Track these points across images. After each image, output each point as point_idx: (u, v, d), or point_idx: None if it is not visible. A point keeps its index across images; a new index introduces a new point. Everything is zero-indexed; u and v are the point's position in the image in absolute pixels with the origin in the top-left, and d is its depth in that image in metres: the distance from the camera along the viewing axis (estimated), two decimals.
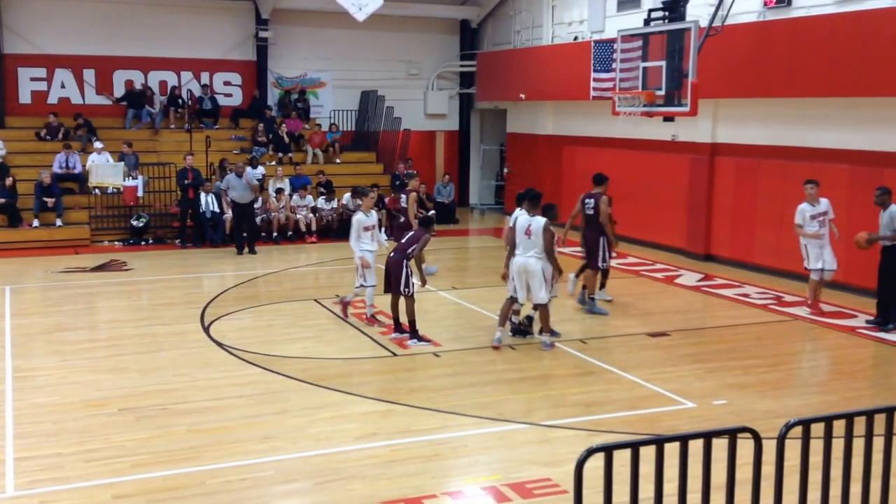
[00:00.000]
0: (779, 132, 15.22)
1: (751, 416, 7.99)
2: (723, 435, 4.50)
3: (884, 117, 13.34)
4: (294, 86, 23.39)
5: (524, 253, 10.11)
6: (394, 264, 10.48)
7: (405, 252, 10.48)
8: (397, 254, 10.55)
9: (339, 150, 22.28)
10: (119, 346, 10.60)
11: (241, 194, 17.30)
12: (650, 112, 14.06)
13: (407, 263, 10.42)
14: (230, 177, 17.57)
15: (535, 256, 10.06)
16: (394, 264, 10.48)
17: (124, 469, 6.86)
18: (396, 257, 10.51)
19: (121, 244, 18.32)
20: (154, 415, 8.11)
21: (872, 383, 9.33)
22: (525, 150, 22.71)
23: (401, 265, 10.39)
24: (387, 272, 10.63)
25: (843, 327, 11.64)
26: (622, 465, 4.23)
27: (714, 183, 16.50)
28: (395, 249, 10.69)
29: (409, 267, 10.44)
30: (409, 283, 10.35)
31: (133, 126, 21.21)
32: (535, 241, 10.04)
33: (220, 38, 22.53)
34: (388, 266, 10.57)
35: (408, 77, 24.38)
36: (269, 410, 8.24)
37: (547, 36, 21.62)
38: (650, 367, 9.90)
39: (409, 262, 10.47)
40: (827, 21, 13.65)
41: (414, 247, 10.56)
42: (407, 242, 10.62)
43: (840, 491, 4.76)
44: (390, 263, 10.54)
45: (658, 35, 13.84)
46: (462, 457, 7.30)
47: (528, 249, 10.10)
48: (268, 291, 14.01)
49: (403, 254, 10.48)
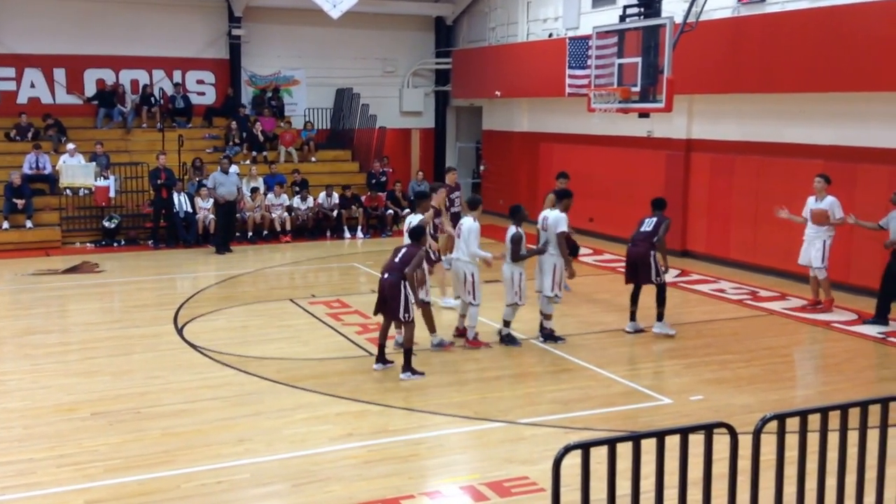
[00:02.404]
0: (753, 128, 15.31)
1: (727, 411, 8.01)
2: (699, 430, 4.50)
3: (856, 112, 13.45)
4: (268, 84, 23.21)
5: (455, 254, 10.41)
6: (389, 287, 9.13)
7: (401, 272, 9.13)
8: (392, 275, 9.17)
9: (313, 148, 22.16)
10: (91, 350, 10.46)
11: (229, 190, 17.18)
12: (625, 108, 14.10)
13: (405, 284, 9.10)
14: (216, 174, 17.42)
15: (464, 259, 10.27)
16: (389, 287, 9.13)
17: (97, 474, 6.76)
18: (391, 279, 9.14)
19: (93, 245, 18.11)
20: (127, 419, 8.00)
21: (847, 377, 9.40)
22: (501, 147, 22.71)
23: (397, 287, 9.07)
24: (380, 294, 9.27)
25: (817, 321, 11.72)
26: (599, 462, 4.21)
27: (690, 179, 16.57)
28: (388, 269, 9.28)
29: (406, 288, 9.13)
30: (408, 308, 9.09)
31: (104, 125, 20.96)
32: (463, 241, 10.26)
33: (192, 36, 22.31)
34: (382, 288, 9.22)
35: (383, 75, 24.30)
36: (244, 412, 8.16)
37: (522, 33, 21.62)
38: (627, 364, 9.93)
39: (406, 282, 9.11)
40: (800, 17, 13.74)
41: (409, 266, 9.20)
42: (401, 261, 9.27)
43: (815, 484, 4.77)
44: (385, 285, 9.19)
45: (633, 31, 13.88)
46: (439, 456, 7.27)
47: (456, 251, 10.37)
48: (242, 292, 13.89)
49: (399, 274, 9.12)
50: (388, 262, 9.42)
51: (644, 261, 10.80)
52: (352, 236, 19.58)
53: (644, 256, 10.80)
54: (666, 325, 10.91)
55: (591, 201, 14.70)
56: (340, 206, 19.72)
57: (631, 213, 18.56)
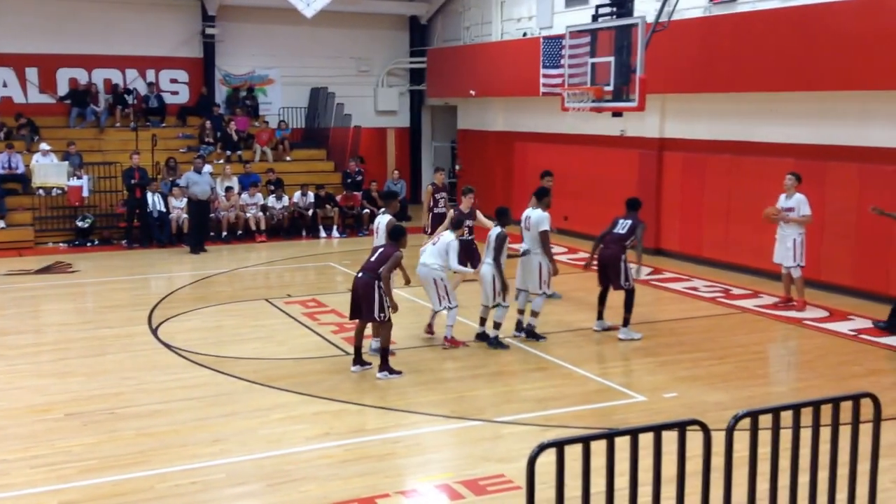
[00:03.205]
0: (725, 127, 15.45)
1: (700, 408, 8.09)
2: (673, 428, 4.54)
3: (826, 111, 13.61)
4: (242, 83, 23.11)
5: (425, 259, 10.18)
6: (362, 286, 9.07)
7: (375, 272, 9.06)
8: (366, 274, 9.11)
9: (288, 147, 22.08)
10: (65, 350, 10.37)
11: (202, 190, 17.08)
12: (599, 108, 14.18)
13: (379, 285, 9.00)
14: (189, 174, 17.32)
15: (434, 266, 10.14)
16: (362, 286, 9.07)
17: (71, 475, 6.70)
18: (365, 278, 9.08)
19: (66, 245, 17.93)
20: (101, 419, 7.94)
21: (819, 374, 9.51)
22: (476, 146, 22.74)
23: (371, 287, 9.01)
24: (353, 293, 9.23)
25: (789, 319, 11.85)
26: (574, 460, 4.24)
27: (662, 177, 16.70)
28: (363, 268, 9.24)
29: (381, 288, 9.03)
30: (383, 307, 9.01)
31: (77, 125, 20.76)
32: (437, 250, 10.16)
33: (165, 35, 22.16)
34: (356, 288, 9.17)
35: (358, 74, 24.25)
36: (219, 413, 8.12)
37: (496, 32, 21.67)
38: (601, 362, 9.99)
39: (380, 283, 9.02)
40: (770, 16, 13.89)
41: (385, 266, 9.09)
42: (377, 261, 9.18)
43: (788, 481, 4.83)
44: (358, 284, 9.14)
45: (606, 31, 13.95)
46: (415, 455, 7.28)
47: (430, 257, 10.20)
48: (217, 292, 13.81)
49: (374, 274, 9.05)
50: (365, 261, 9.40)
51: (614, 264, 10.62)
52: (327, 236, 19.54)
53: (615, 259, 10.63)
54: (631, 330, 10.69)
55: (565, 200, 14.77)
56: (315, 205, 19.67)
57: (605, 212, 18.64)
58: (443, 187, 14.50)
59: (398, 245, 9.33)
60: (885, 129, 12.71)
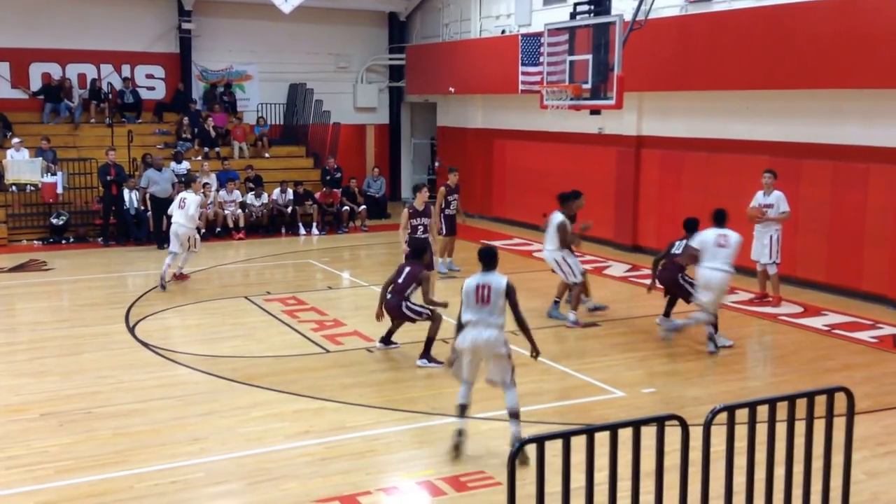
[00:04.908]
0: (701, 124, 15.57)
1: (678, 403, 8.17)
2: (651, 423, 4.59)
3: (800, 109, 13.76)
4: (219, 79, 22.96)
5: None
6: (394, 309, 9.56)
7: (403, 294, 9.50)
8: (394, 297, 9.52)
9: (267, 144, 21.98)
10: (40, 349, 10.28)
11: (163, 188, 16.98)
12: (577, 105, 14.24)
13: (408, 305, 9.50)
14: (150, 172, 17.24)
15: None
16: (394, 309, 9.56)
17: (47, 476, 6.66)
18: (394, 301, 9.52)
19: (40, 243, 17.76)
20: (78, 419, 7.89)
21: (794, 369, 9.62)
22: (456, 143, 22.75)
23: (399, 309, 9.53)
24: (389, 314, 9.72)
25: (765, 315, 11.97)
26: (554, 456, 4.28)
27: (640, 175, 16.80)
28: (392, 290, 9.56)
29: (411, 307, 9.52)
30: (420, 313, 9.53)
31: (51, 120, 20.55)
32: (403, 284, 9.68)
33: (141, 30, 21.97)
34: (389, 310, 9.65)
35: (336, 70, 24.18)
36: (197, 411, 8.09)
37: (475, 29, 21.68)
38: (581, 358, 10.04)
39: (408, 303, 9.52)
40: (745, 15, 14.01)
41: (412, 287, 9.49)
42: (404, 282, 9.52)
43: (764, 474, 4.90)
44: (389, 307, 9.59)
45: (584, 29, 14.01)
46: (396, 452, 7.29)
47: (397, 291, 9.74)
48: (195, 289, 13.73)
49: (401, 297, 9.49)
50: (392, 279, 9.62)
51: (676, 284, 10.68)
52: (307, 233, 19.48)
53: (674, 280, 10.68)
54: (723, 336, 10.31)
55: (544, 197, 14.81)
56: (295, 202, 19.61)
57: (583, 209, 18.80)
58: (455, 189, 14.61)
59: (422, 262, 9.74)
60: (858, 127, 12.87)
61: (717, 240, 9.98)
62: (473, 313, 6.94)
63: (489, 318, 6.89)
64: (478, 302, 6.92)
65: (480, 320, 6.90)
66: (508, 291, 6.93)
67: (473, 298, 6.94)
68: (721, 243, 9.95)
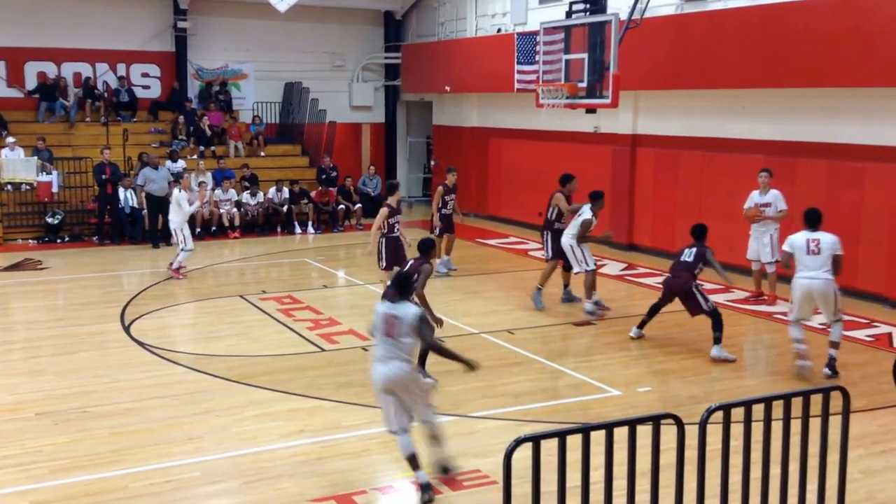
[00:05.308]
0: (697, 123, 15.58)
1: (674, 401, 8.17)
2: (647, 422, 4.59)
3: (796, 108, 13.77)
4: (215, 77, 22.92)
5: None
6: None
7: None
8: None
9: (262, 142, 21.95)
10: (35, 348, 10.26)
11: (160, 186, 16.95)
12: (573, 104, 14.22)
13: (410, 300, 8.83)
14: (146, 170, 17.21)
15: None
16: None
17: (42, 475, 6.64)
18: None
19: (35, 242, 17.72)
20: (73, 418, 7.87)
21: (789, 367, 9.62)
22: (451, 142, 22.74)
23: None
24: None
25: (760, 313, 11.98)
26: (550, 455, 4.27)
27: (635, 173, 16.81)
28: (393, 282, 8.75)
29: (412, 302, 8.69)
30: None
31: (46, 119, 20.48)
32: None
33: (137, 29, 21.92)
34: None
35: (332, 69, 24.15)
36: (193, 410, 8.08)
37: (471, 28, 21.67)
38: (576, 356, 10.05)
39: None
40: (741, 14, 14.01)
41: (417, 282, 8.50)
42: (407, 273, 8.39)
43: (760, 473, 4.90)
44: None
45: (580, 27, 13.99)
46: (391, 451, 7.25)
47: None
48: (191, 288, 13.72)
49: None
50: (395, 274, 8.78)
51: (687, 292, 9.97)
52: (302, 232, 19.46)
53: (686, 288, 9.97)
54: (724, 350, 9.84)
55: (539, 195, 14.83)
56: (290, 201, 19.58)
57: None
58: (453, 188, 14.62)
59: (429, 257, 8.93)
60: (854, 126, 12.88)
61: (807, 245, 9.03)
62: (384, 347, 6.40)
63: (399, 353, 6.34)
64: (388, 335, 6.38)
65: (394, 356, 6.33)
66: (419, 325, 6.37)
67: (382, 330, 6.41)
68: (813, 249, 9.00)
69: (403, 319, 6.34)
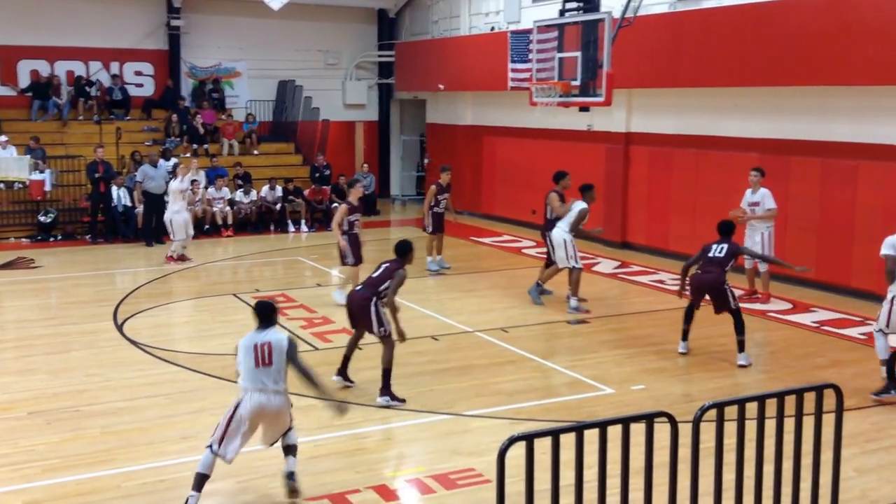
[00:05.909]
0: (690, 121, 15.59)
1: (668, 400, 8.18)
2: (640, 420, 4.59)
3: (789, 106, 13.79)
4: (208, 76, 22.86)
5: None
6: (358, 300, 8.29)
7: (375, 288, 8.24)
8: (365, 289, 8.33)
9: (256, 141, 21.91)
10: (27, 347, 10.22)
11: (158, 184, 16.92)
12: (566, 102, 14.22)
13: (375, 302, 8.18)
14: (145, 167, 17.14)
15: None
16: (358, 300, 8.29)
17: (35, 474, 6.62)
18: (363, 292, 8.31)
19: (28, 241, 17.66)
20: (65, 417, 7.84)
21: (783, 365, 9.65)
22: (445, 140, 22.73)
23: (367, 302, 8.18)
24: (349, 309, 8.48)
25: (754, 311, 11.99)
26: (543, 453, 4.27)
27: (629, 172, 16.82)
28: (364, 283, 8.52)
29: (378, 307, 8.19)
30: (382, 322, 8.16)
31: (39, 118, 20.41)
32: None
33: (130, 27, 21.86)
34: (350, 302, 8.45)
35: (326, 67, 24.11)
36: (186, 409, 8.06)
37: (464, 26, 21.66)
38: (570, 355, 10.05)
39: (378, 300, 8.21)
40: (734, 13, 14.02)
41: (387, 284, 8.23)
42: (378, 277, 8.33)
43: (753, 471, 4.90)
44: (354, 299, 8.39)
45: (573, 26, 14.00)
46: (385, 450, 7.28)
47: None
48: (184, 287, 13.68)
49: (373, 290, 8.23)
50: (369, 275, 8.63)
51: (719, 288, 9.59)
52: (295, 230, 19.43)
53: (719, 283, 9.58)
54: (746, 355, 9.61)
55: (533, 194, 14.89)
56: (283, 199, 19.55)
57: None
58: (447, 188, 14.61)
59: (405, 261, 8.48)
60: (847, 124, 12.90)
61: None
62: (253, 379, 6.04)
63: (275, 385, 6.04)
64: (258, 365, 6.04)
65: (265, 388, 6.02)
66: (290, 350, 6.10)
67: (252, 361, 6.05)
68: None
69: (275, 346, 6.08)
